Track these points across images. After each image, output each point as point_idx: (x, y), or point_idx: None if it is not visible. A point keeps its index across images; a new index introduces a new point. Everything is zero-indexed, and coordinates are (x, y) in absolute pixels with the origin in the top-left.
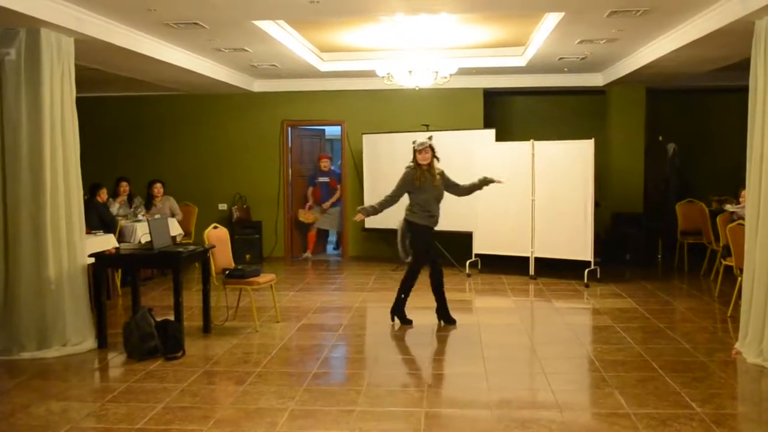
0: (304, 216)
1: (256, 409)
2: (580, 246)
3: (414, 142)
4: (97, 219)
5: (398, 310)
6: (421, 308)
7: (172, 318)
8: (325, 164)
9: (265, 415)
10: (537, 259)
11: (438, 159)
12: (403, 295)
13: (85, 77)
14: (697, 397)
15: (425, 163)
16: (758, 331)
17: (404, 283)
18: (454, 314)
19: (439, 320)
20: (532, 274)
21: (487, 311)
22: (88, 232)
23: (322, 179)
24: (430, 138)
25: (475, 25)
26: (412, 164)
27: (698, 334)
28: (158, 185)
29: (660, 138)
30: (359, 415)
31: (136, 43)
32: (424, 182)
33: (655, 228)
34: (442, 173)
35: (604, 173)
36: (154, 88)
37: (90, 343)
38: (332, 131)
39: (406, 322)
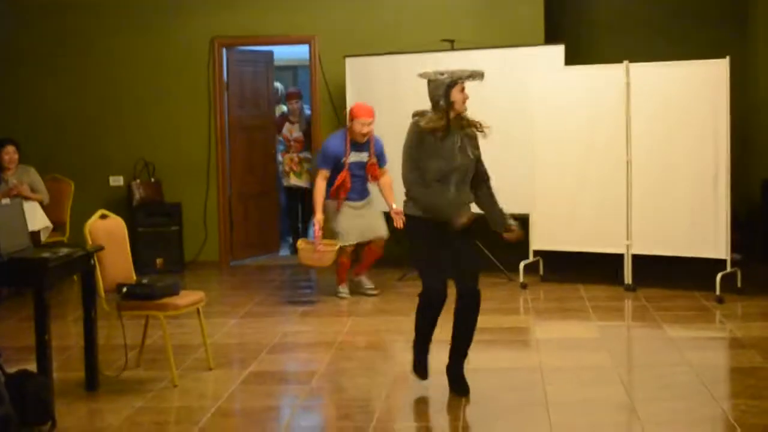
0: (311, 258)
1: None
2: (707, 236)
3: (432, 74)
4: None
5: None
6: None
7: (33, 367)
8: (363, 126)
9: None
10: (637, 259)
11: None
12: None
13: None
14: None
15: (464, 108)
16: None
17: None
18: (500, 350)
19: (451, 384)
20: (629, 282)
21: (555, 346)
22: None
23: (357, 157)
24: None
25: None
26: (425, 111)
27: None
28: (9, 149)
29: None
30: None
31: None
32: (448, 142)
33: None
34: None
35: (747, 114)
36: None
37: None
38: (288, 54)
39: (419, 373)
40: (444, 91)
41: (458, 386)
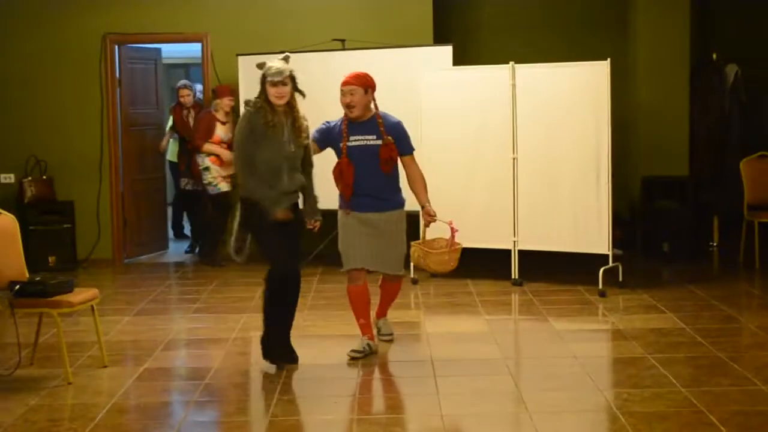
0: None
1: None
2: (590, 233)
3: (263, 65)
4: None
5: (268, 344)
6: (342, 335)
7: None
8: (343, 96)
9: None
10: (523, 254)
11: (303, 96)
12: (269, 325)
13: None
14: None
15: (281, 101)
16: None
17: (265, 306)
18: (391, 344)
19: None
20: (516, 277)
21: (445, 339)
22: None
23: (361, 140)
24: (286, 59)
25: None
26: (257, 101)
27: None
28: None
29: (714, 57)
30: None
31: None
32: (276, 132)
33: (708, 200)
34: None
35: (627, 115)
36: None
37: None
38: (179, 51)
39: (288, 359)
40: (261, 84)
41: (292, 355)
